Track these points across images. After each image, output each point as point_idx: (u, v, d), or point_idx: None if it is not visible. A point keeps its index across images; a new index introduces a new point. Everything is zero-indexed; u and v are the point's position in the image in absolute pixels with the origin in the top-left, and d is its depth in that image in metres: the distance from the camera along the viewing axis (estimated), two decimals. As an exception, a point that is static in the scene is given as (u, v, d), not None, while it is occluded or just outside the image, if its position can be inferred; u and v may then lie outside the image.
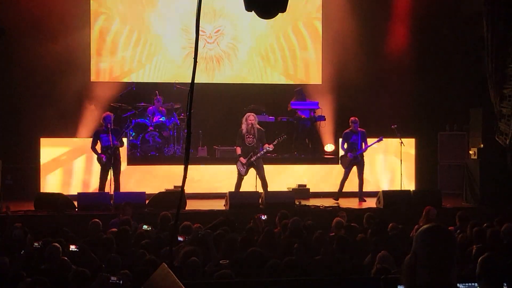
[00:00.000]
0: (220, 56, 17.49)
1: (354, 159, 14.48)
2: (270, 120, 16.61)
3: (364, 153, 14.62)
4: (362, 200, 14.48)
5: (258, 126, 14.02)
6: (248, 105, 16.41)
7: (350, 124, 14.67)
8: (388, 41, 17.32)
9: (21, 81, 15.98)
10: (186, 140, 4.42)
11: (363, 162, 14.65)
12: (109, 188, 13.80)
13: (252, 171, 14.03)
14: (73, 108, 16.15)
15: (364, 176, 14.69)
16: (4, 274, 7.31)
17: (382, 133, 15.06)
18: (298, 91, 17.01)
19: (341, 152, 14.88)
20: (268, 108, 16.91)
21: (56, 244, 8.01)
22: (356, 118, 14.65)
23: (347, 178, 14.65)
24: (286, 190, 14.89)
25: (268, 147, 13.84)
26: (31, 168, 15.27)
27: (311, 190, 15.17)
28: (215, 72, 17.48)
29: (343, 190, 14.69)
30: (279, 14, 5.03)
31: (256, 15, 4.97)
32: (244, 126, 13.91)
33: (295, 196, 13.87)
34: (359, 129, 14.57)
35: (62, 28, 16.07)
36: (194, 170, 14.89)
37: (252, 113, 14.18)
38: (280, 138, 14.10)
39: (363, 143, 14.54)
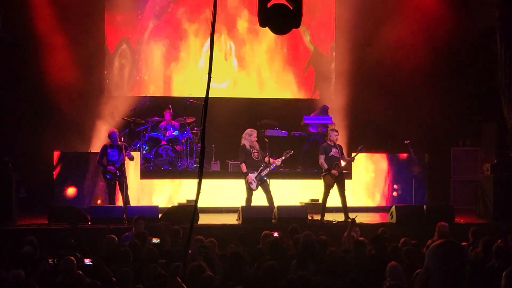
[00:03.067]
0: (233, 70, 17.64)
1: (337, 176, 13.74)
2: (283, 134, 16.65)
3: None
4: (348, 217, 13.41)
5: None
6: (261, 120, 16.46)
7: (330, 135, 13.96)
8: (401, 56, 17.31)
9: (34, 94, 16.09)
10: (200, 154, 4.46)
11: (344, 178, 13.97)
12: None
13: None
14: (86, 122, 16.24)
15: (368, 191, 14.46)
16: (18, 287, 7.35)
17: (395, 148, 15.01)
18: (323, 108, 16.91)
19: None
20: (281, 123, 16.94)
21: (71, 257, 8.05)
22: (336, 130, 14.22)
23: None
24: (298, 204, 14.87)
25: (276, 163, 13.80)
26: (44, 181, 15.35)
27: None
28: (229, 87, 17.64)
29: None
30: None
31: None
32: (247, 142, 13.82)
33: (308, 211, 13.84)
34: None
35: (75, 42, 16.19)
36: (207, 184, 14.91)
37: (253, 129, 14.11)
38: (287, 153, 13.97)
39: (341, 159, 13.78)
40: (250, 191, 13.84)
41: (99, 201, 15.05)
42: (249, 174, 13.68)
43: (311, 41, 18.00)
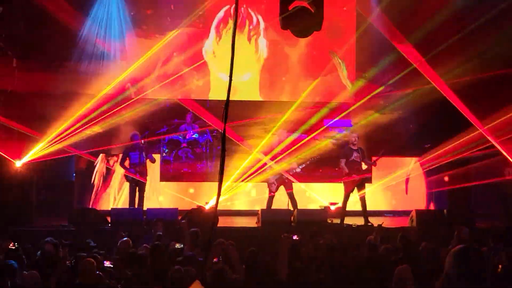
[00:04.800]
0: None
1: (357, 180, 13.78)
2: (303, 137, 16.59)
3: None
4: (367, 221, 13.67)
5: None
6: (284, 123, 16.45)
7: (349, 139, 14.05)
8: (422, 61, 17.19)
9: (57, 97, 16.11)
10: (221, 157, 4.45)
11: (364, 182, 14.00)
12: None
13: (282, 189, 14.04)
14: (108, 125, 16.25)
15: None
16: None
17: (416, 152, 14.93)
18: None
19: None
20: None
21: (91, 259, 8.07)
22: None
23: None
24: (318, 208, 14.86)
25: (296, 169, 13.88)
26: (65, 183, 15.41)
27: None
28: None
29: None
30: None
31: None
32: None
33: (327, 215, 13.81)
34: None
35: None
36: (226, 187, 14.92)
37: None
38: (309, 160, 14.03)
39: (362, 162, 13.87)
40: (271, 193, 13.89)
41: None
42: (269, 177, 13.77)
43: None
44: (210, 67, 16.02)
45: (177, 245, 10.05)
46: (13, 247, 9.53)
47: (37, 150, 13.95)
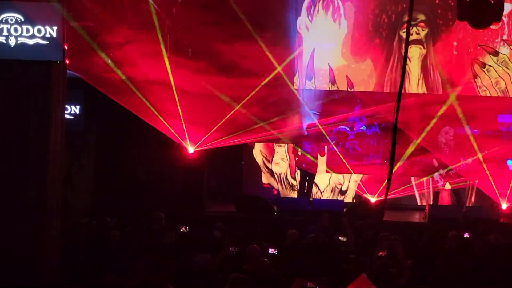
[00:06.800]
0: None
1: None
2: (474, 133, 16.00)
3: None
4: None
5: None
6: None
7: None
8: None
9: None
10: (391, 150, 4.39)
11: None
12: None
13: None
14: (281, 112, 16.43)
15: None
16: (207, 271, 7.61)
17: None
18: None
19: None
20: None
21: (255, 245, 8.23)
22: None
23: None
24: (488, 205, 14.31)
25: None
26: (235, 170, 15.81)
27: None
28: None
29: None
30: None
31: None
32: (442, 139, 13.64)
33: (497, 213, 13.26)
34: None
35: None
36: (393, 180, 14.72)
37: (451, 127, 13.85)
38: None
39: None
40: (435, 189, 13.64)
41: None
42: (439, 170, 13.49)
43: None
44: (304, 39, 16.42)
45: (341, 238, 10.05)
46: (185, 230, 9.92)
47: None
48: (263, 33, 14.80)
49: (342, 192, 15.39)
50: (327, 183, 15.53)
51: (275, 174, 15.77)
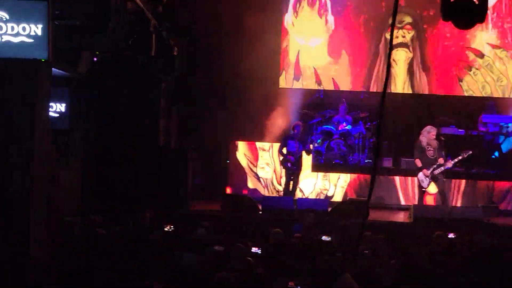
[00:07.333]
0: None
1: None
2: (459, 133, 16.03)
3: None
4: None
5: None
6: (438, 116, 16.03)
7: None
8: None
9: (214, 85, 16.49)
10: (375, 150, 4.41)
11: None
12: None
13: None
14: (261, 113, 16.48)
15: None
16: (192, 270, 7.61)
17: None
18: (490, 104, 16.32)
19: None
20: (458, 121, 16.31)
21: (241, 244, 8.24)
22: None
23: None
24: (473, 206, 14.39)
25: (448, 165, 13.48)
26: (220, 169, 15.81)
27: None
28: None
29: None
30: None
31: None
32: (424, 139, 13.63)
33: (483, 214, 13.31)
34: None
35: (254, 38, 16.31)
36: (378, 180, 14.77)
37: (433, 127, 13.88)
38: (465, 153, 13.53)
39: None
40: (421, 188, 13.64)
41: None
42: (423, 170, 13.46)
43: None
44: (290, 34, 17.00)
45: (324, 237, 10.07)
46: (170, 229, 9.91)
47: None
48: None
49: (328, 198, 15.35)
50: (312, 189, 15.52)
51: (261, 179, 15.75)
